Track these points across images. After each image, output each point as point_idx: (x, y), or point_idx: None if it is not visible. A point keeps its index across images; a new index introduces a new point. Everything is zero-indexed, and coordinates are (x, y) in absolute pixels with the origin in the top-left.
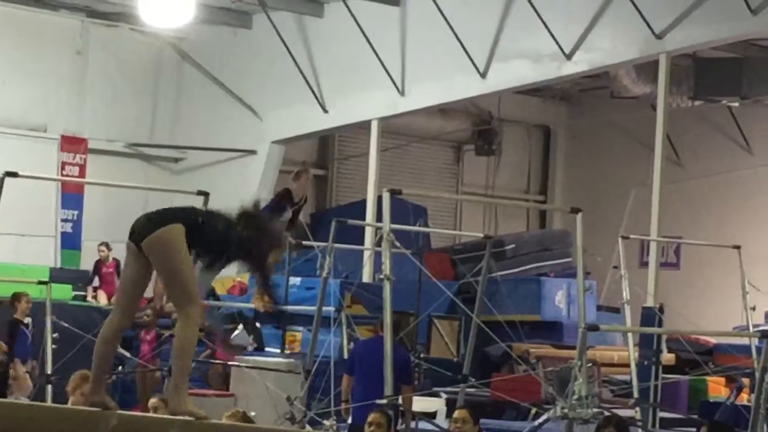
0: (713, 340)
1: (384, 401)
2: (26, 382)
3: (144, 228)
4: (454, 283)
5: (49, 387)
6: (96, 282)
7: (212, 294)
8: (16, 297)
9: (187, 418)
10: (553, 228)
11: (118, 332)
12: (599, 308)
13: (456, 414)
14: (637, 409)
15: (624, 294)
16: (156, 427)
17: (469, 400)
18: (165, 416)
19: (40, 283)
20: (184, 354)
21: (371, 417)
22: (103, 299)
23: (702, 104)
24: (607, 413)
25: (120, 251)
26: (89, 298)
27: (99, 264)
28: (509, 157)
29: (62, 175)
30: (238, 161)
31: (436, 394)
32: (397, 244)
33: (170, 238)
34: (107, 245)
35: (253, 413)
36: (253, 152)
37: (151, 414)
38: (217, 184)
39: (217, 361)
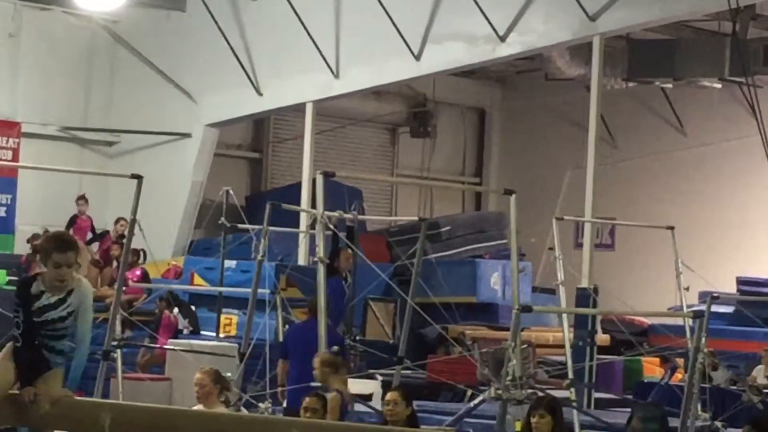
0: (648, 321)
1: (319, 384)
2: None
3: None
4: (389, 265)
5: None
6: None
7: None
8: None
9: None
10: (488, 210)
11: None
12: (534, 289)
13: (388, 396)
14: (572, 389)
15: (559, 275)
16: (88, 411)
17: (404, 382)
18: (97, 400)
19: None
20: None
21: (306, 402)
22: None
23: (636, 86)
24: (540, 394)
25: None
26: None
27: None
28: (444, 139)
29: None
30: (173, 144)
31: (371, 377)
32: (331, 226)
33: None
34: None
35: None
36: (187, 135)
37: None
38: (152, 168)
39: (154, 346)
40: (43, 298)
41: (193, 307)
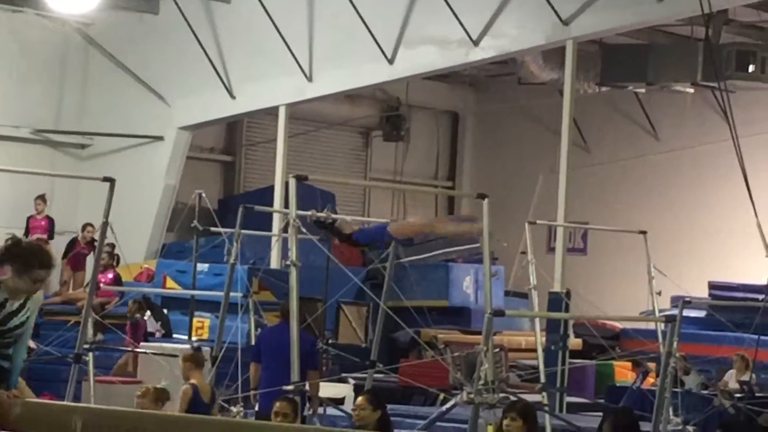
0: (620, 325)
1: (291, 387)
2: None
3: None
4: (362, 269)
5: None
6: None
7: None
8: None
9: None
10: (461, 214)
11: None
12: (507, 293)
13: (356, 401)
14: (544, 393)
15: (531, 279)
16: (59, 414)
17: (376, 385)
18: (68, 403)
19: None
20: None
21: (277, 406)
22: None
23: (609, 90)
24: (513, 398)
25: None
26: None
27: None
28: (417, 143)
29: None
30: (146, 147)
31: (344, 380)
32: (304, 230)
33: None
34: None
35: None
36: (160, 138)
37: (55, 402)
38: (124, 171)
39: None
40: (7, 306)
41: (165, 311)
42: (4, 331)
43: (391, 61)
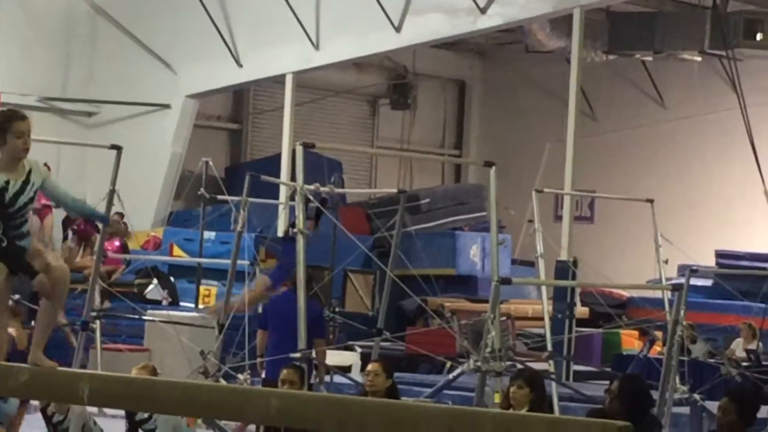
0: (626, 294)
1: (298, 355)
2: None
3: None
4: (368, 237)
5: None
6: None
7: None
8: None
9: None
10: (467, 182)
11: None
12: (514, 262)
13: (369, 367)
14: (551, 362)
15: (538, 247)
16: (66, 381)
17: (383, 353)
18: (76, 370)
19: None
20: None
21: (283, 375)
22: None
23: (616, 58)
24: (519, 366)
25: None
26: None
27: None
28: (424, 111)
29: None
30: (153, 115)
31: (350, 348)
32: (311, 198)
33: None
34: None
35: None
36: (167, 106)
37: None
38: (131, 139)
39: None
40: (10, 187)
41: (172, 278)
42: (15, 211)
43: (398, 29)
